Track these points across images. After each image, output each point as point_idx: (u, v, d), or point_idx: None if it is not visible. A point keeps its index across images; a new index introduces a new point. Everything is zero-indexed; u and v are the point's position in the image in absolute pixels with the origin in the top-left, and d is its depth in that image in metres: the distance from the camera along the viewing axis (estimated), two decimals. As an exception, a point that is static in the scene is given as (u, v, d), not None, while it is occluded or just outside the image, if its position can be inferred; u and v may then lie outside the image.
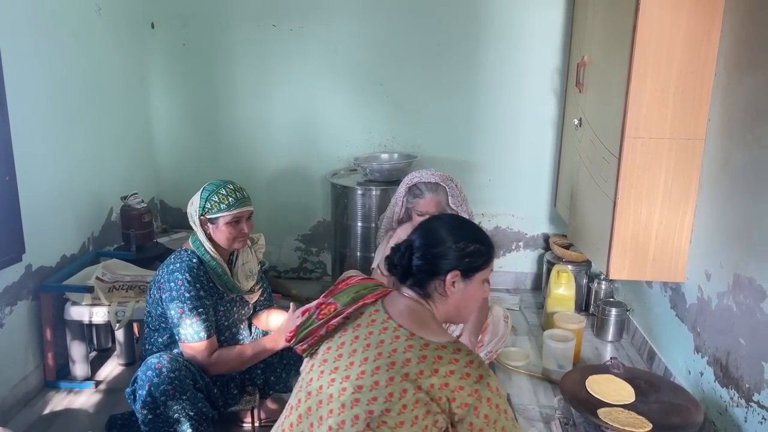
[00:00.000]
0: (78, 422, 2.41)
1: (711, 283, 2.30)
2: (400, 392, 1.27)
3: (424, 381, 1.27)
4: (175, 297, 2.07)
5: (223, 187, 2.16)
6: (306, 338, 1.45)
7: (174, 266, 2.12)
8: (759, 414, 1.96)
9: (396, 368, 1.29)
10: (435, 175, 2.55)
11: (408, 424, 1.25)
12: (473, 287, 1.46)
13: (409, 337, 1.34)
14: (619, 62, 2.41)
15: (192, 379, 2.04)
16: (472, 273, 1.45)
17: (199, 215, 2.14)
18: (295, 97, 3.68)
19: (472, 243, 1.45)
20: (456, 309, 1.47)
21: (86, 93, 2.98)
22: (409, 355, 1.31)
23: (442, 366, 1.28)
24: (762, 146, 1.98)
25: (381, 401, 1.27)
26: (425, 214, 2.52)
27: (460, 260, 1.43)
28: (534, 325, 3.34)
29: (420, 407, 1.26)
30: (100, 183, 3.12)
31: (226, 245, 2.19)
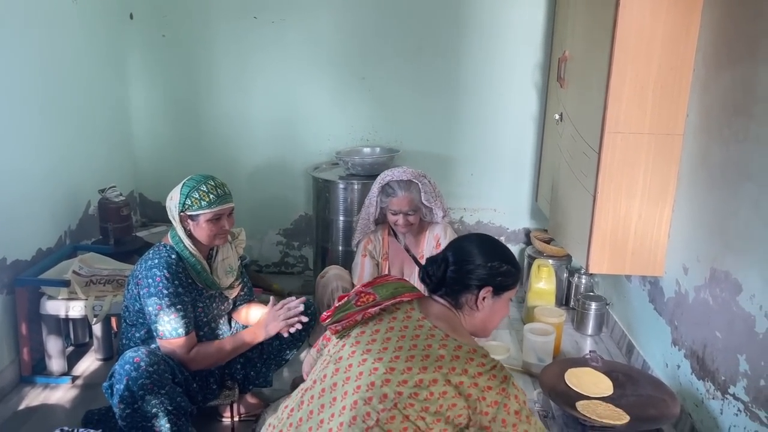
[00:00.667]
0: (54, 418, 2.38)
1: (688, 276, 2.33)
2: (429, 381, 1.35)
3: (454, 377, 1.35)
4: (153, 293, 2.05)
5: (204, 183, 2.13)
6: (342, 320, 1.52)
7: (152, 262, 2.09)
8: (734, 406, 1.99)
9: (429, 360, 1.38)
10: (407, 172, 2.56)
11: (432, 409, 1.33)
12: (500, 304, 1.58)
13: (444, 338, 1.44)
14: (600, 58, 2.42)
15: (170, 373, 2.02)
16: (502, 291, 1.57)
17: (179, 211, 2.11)
18: (277, 90, 3.66)
19: (506, 264, 1.56)
20: (482, 323, 1.58)
21: (62, 84, 2.93)
22: (443, 352, 1.40)
23: (472, 367, 1.37)
24: (739, 141, 2.00)
25: (411, 384, 1.35)
26: (399, 212, 2.53)
27: (493, 278, 1.54)
28: (515, 319, 3.36)
29: (447, 399, 1.34)
30: (77, 175, 3.07)
31: (206, 242, 2.16)
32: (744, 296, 1.95)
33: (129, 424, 1.99)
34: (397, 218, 2.55)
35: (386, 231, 2.72)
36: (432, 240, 2.65)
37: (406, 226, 2.56)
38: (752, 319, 1.89)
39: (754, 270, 1.90)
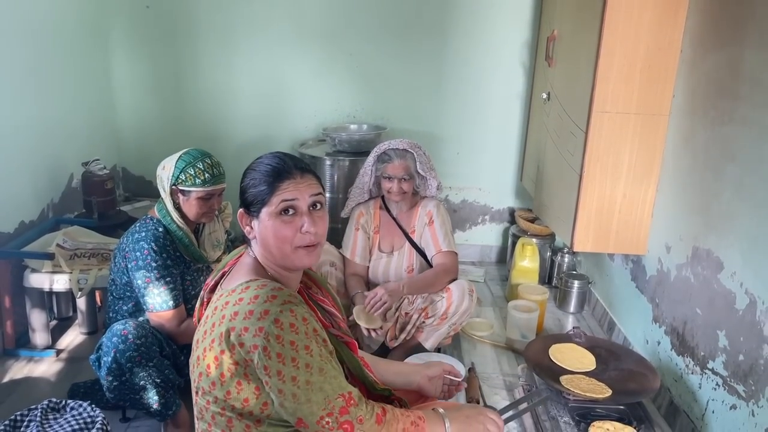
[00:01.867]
0: (39, 390, 2.37)
1: (671, 255, 2.38)
2: (201, 354, 1.27)
3: (216, 332, 1.23)
4: (142, 266, 2.04)
5: (201, 160, 2.11)
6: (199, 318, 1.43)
7: (139, 235, 2.08)
8: (713, 380, 2.05)
9: (199, 331, 1.32)
10: (403, 142, 2.59)
11: (218, 386, 1.24)
12: (266, 224, 1.31)
13: (210, 291, 1.39)
14: (589, 37, 2.44)
15: (158, 346, 2.02)
16: (253, 209, 1.33)
17: (170, 184, 2.09)
18: (262, 65, 3.62)
19: (245, 178, 1.36)
20: (265, 249, 1.34)
21: (42, 54, 2.87)
22: (206, 311, 1.34)
23: (228, 308, 1.24)
24: (724, 122, 2.04)
25: (195, 370, 1.30)
26: (394, 177, 2.54)
27: (241, 200, 1.36)
28: (498, 296, 3.40)
29: (223, 364, 1.23)
30: (60, 148, 3.02)
31: (193, 218, 2.16)
32: (725, 274, 1.99)
33: (117, 396, 1.99)
34: (391, 185, 2.56)
35: (378, 205, 2.73)
36: (424, 216, 2.66)
37: (400, 194, 2.57)
38: (732, 295, 1.94)
39: (735, 248, 1.94)
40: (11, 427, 1.73)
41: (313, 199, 1.34)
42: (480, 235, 3.89)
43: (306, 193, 1.32)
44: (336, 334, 1.42)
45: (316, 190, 1.35)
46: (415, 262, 2.67)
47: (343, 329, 1.46)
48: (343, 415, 1.22)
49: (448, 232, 2.65)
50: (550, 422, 2.05)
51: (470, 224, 3.87)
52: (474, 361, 2.64)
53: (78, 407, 1.82)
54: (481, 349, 2.81)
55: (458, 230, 3.87)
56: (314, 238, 1.32)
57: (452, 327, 2.55)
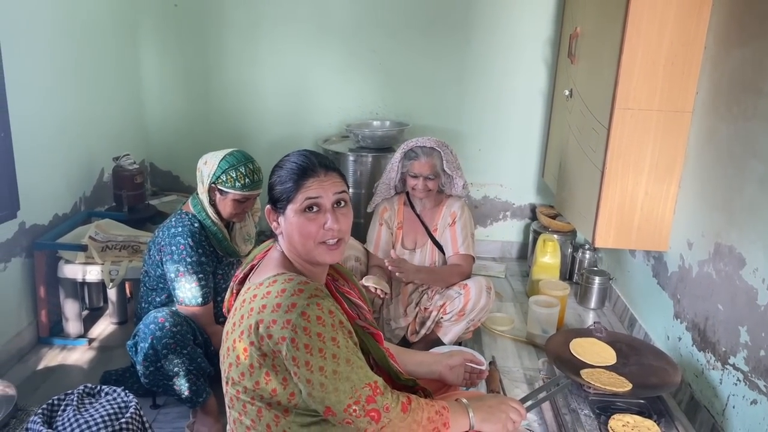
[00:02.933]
0: (72, 377, 2.45)
1: (693, 251, 2.38)
2: (231, 344, 1.32)
3: (245, 324, 1.27)
4: (177, 260, 2.10)
5: (244, 165, 2.16)
6: (228, 310, 1.49)
7: (176, 230, 2.14)
8: (734, 376, 2.06)
9: (229, 322, 1.36)
10: (431, 140, 2.62)
11: (247, 376, 1.29)
12: (292, 221, 1.36)
13: (239, 283, 1.43)
14: (612, 34, 2.45)
15: (192, 335, 2.09)
16: (280, 206, 1.38)
17: (210, 181, 2.15)
18: (287, 62, 3.67)
19: (272, 176, 1.40)
20: (290, 244, 1.38)
21: (78, 54, 2.95)
22: (235, 302, 1.38)
23: (257, 301, 1.28)
24: (747, 118, 2.04)
25: (226, 360, 1.34)
26: (419, 176, 2.57)
27: (269, 196, 1.41)
28: (519, 292, 3.42)
29: (252, 354, 1.27)
30: (92, 143, 3.11)
31: (226, 216, 2.22)
32: (747, 270, 2.00)
33: (151, 382, 2.07)
34: (416, 182, 2.59)
35: (402, 201, 2.76)
36: (448, 216, 2.69)
37: (425, 192, 2.60)
38: (754, 291, 1.95)
39: (757, 244, 1.95)
40: (49, 410, 1.80)
41: (337, 197, 1.37)
42: (501, 231, 3.91)
43: (330, 191, 1.36)
44: (362, 326, 1.46)
45: (340, 188, 1.38)
46: (438, 260, 2.71)
47: (369, 320, 1.50)
48: (370, 403, 1.26)
49: (469, 235, 2.67)
50: (570, 415, 2.07)
51: (491, 220, 3.89)
52: (495, 355, 2.67)
53: (112, 392, 1.88)
54: (502, 343, 2.84)
55: (479, 226, 3.90)
56: (337, 234, 1.36)
57: (470, 323, 2.58)
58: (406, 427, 1.30)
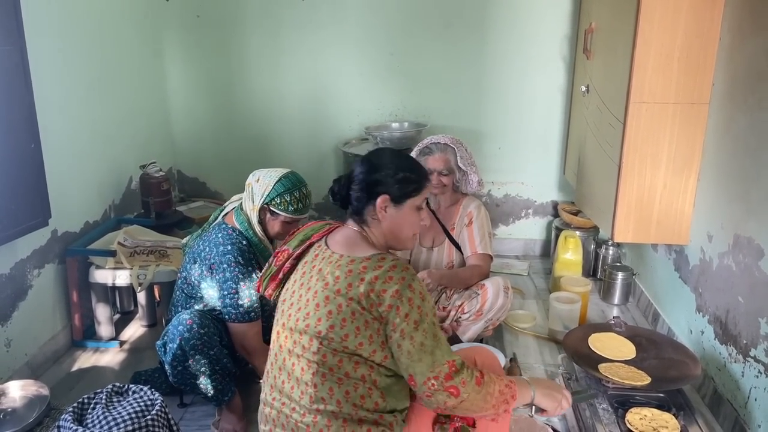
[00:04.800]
0: (104, 378, 2.54)
1: (713, 244, 2.36)
2: (336, 308, 1.44)
3: (354, 291, 1.42)
4: (229, 278, 2.14)
5: (298, 189, 2.21)
6: (269, 285, 1.65)
7: (225, 248, 2.16)
8: (755, 368, 2.03)
9: (329, 288, 1.46)
10: (445, 137, 2.67)
11: (352, 335, 1.43)
12: (405, 212, 1.58)
13: (339, 259, 1.51)
14: (625, 27, 2.45)
15: (219, 336, 2.15)
16: (402, 199, 1.57)
17: (263, 201, 2.19)
18: (308, 67, 3.74)
19: (403, 171, 1.57)
20: (391, 232, 1.58)
21: (104, 65, 3.06)
22: (338, 273, 1.47)
23: (368, 273, 1.43)
24: (762, 108, 2.02)
25: (324, 321, 1.45)
26: (433, 170, 2.61)
27: (390, 186, 1.55)
28: (542, 289, 3.42)
29: (357, 319, 1.42)
30: (120, 152, 3.22)
31: (272, 235, 2.27)
32: (766, 260, 1.98)
33: (179, 381, 2.14)
34: (431, 178, 2.63)
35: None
36: (465, 216, 2.72)
37: (440, 187, 2.64)
38: (773, 282, 1.93)
39: (775, 235, 1.93)
40: (79, 408, 1.87)
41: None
42: (523, 229, 3.91)
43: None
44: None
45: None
46: (455, 259, 2.73)
47: None
48: (448, 380, 1.41)
49: (486, 235, 2.69)
50: (589, 409, 2.07)
51: (513, 218, 3.90)
52: (516, 352, 2.68)
53: (139, 391, 1.95)
54: (524, 340, 2.85)
55: (501, 225, 3.91)
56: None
57: (489, 322, 2.60)
58: (481, 399, 1.44)
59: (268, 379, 1.64)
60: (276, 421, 1.56)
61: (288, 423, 1.52)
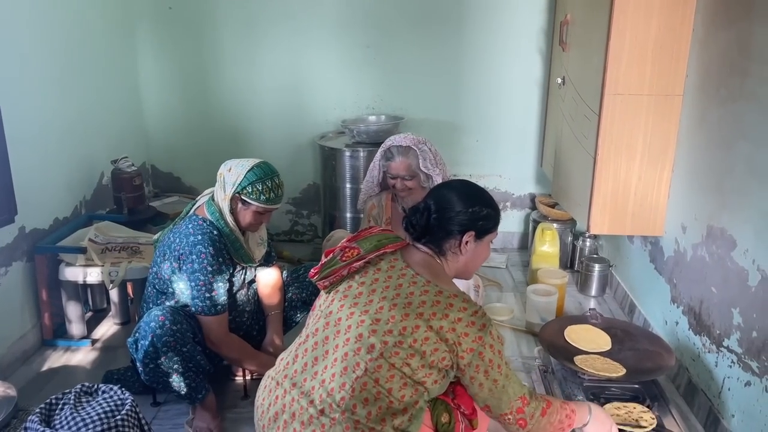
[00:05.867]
0: (75, 378, 2.49)
1: (687, 235, 2.37)
2: (413, 328, 1.45)
3: (435, 322, 1.45)
4: (197, 269, 2.10)
5: (271, 179, 2.17)
6: (328, 276, 1.60)
7: (195, 238, 2.12)
8: (729, 358, 2.05)
9: (412, 307, 1.47)
10: (407, 138, 2.63)
11: (418, 356, 1.44)
12: (482, 247, 1.66)
13: (426, 284, 1.52)
14: (600, 20, 2.44)
15: (192, 333, 2.11)
16: (483, 234, 1.64)
17: (234, 191, 2.15)
18: (283, 60, 3.69)
19: (486, 208, 1.63)
20: (465, 266, 1.65)
21: (74, 56, 2.99)
22: (425, 298, 1.49)
23: (452, 312, 1.47)
24: (734, 99, 2.03)
25: (395, 334, 1.44)
26: (397, 176, 2.59)
27: (474, 222, 1.60)
28: (519, 281, 3.43)
29: (429, 344, 1.44)
30: (90, 147, 3.15)
31: (243, 226, 2.23)
32: (738, 251, 1.99)
33: (151, 379, 2.10)
34: (395, 182, 2.61)
35: (389, 197, 2.78)
36: None
37: (404, 191, 2.62)
38: (745, 273, 1.95)
39: (747, 225, 1.94)
40: (47, 409, 1.83)
41: None
42: (502, 222, 3.81)
43: None
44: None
45: None
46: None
47: None
48: (520, 414, 1.53)
49: None
50: (564, 401, 2.08)
51: (492, 211, 3.89)
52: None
53: (109, 390, 1.91)
54: (501, 333, 2.83)
55: (480, 218, 3.89)
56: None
57: None
58: (542, 428, 1.56)
59: (286, 367, 1.59)
60: (286, 407, 1.51)
61: (300, 413, 1.47)
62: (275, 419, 1.51)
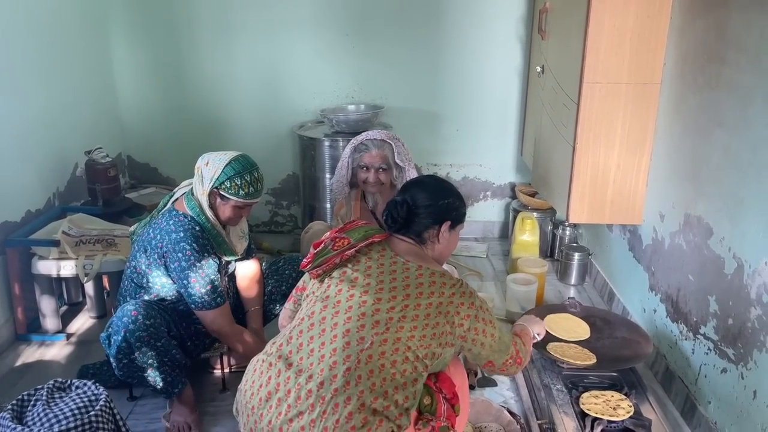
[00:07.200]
0: (50, 373, 2.45)
1: (664, 223, 2.38)
2: (414, 305, 1.53)
3: (435, 299, 1.55)
4: (186, 267, 2.08)
5: (249, 172, 2.14)
6: (321, 265, 1.65)
7: (178, 235, 2.09)
8: (705, 345, 2.07)
9: (411, 288, 1.56)
10: (381, 133, 2.62)
11: (420, 328, 1.51)
12: (454, 237, 1.78)
13: (418, 268, 1.62)
14: (578, 8, 2.43)
15: (166, 327, 2.08)
16: (456, 224, 1.76)
17: (212, 186, 2.12)
18: (261, 48, 3.64)
19: (457, 200, 1.77)
20: (440, 253, 1.76)
21: (44, 45, 2.92)
22: (421, 280, 1.58)
23: (446, 289, 1.58)
24: (711, 87, 2.03)
25: (398, 310, 1.52)
26: (371, 167, 2.56)
27: (449, 213, 1.73)
28: (500, 270, 3.43)
29: (431, 318, 1.53)
30: (64, 138, 3.09)
31: (223, 220, 2.20)
32: (714, 239, 2.00)
33: (125, 374, 2.07)
34: (367, 175, 2.58)
35: (358, 197, 2.75)
36: None
37: (377, 186, 2.59)
38: (722, 261, 1.96)
39: (723, 213, 1.95)
40: (19, 406, 1.80)
41: None
42: (482, 211, 3.91)
43: None
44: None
45: None
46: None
47: None
48: (518, 354, 1.73)
49: None
50: (543, 390, 2.08)
51: (472, 201, 3.88)
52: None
53: (83, 386, 1.88)
54: (482, 322, 2.85)
55: (461, 207, 3.89)
56: None
57: None
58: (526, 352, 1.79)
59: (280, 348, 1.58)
60: (281, 386, 1.49)
61: (297, 389, 1.46)
62: (267, 399, 1.50)
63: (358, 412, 1.40)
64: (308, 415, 1.42)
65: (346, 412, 1.40)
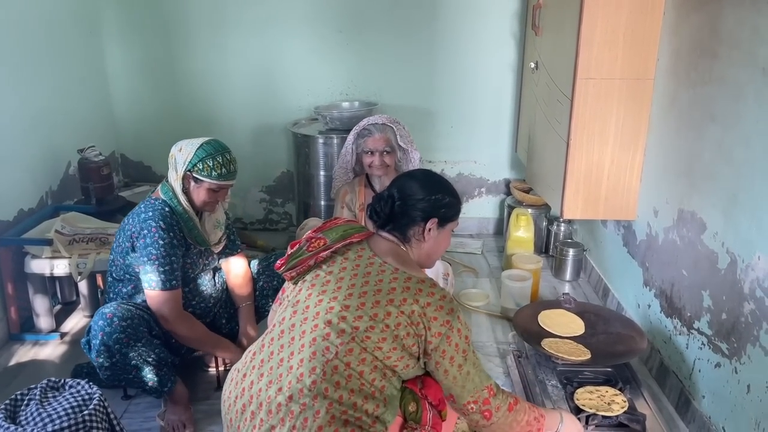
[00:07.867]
0: (44, 372, 2.44)
1: (658, 219, 2.39)
2: (384, 314, 1.45)
3: (407, 307, 1.45)
4: (149, 244, 2.06)
5: (221, 154, 2.13)
6: (295, 267, 1.59)
7: (146, 215, 2.09)
8: (699, 340, 2.07)
9: (382, 294, 1.47)
10: (382, 117, 2.66)
11: (390, 339, 1.43)
12: (443, 235, 1.68)
13: (394, 272, 1.53)
14: (571, 4, 2.43)
15: (146, 327, 2.06)
16: (445, 222, 1.66)
17: (185, 169, 2.11)
18: (254, 45, 3.63)
19: (448, 196, 1.66)
20: (427, 254, 1.66)
21: (37, 43, 2.90)
22: (395, 285, 1.49)
23: (422, 297, 1.47)
24: (704, 83, 2.03)
25: (366, 319, 1.44)
26: (375, 151, 2.57)
27: (437, 210, 1.63)
28: (495, 267, 3.43)
29: (401, 329, 1.44)
30: (56, 136, 3.07)
31: (198, 205, 2.19)
32: (708, 234, 2.01)
33: (111, 377, 2.04)
34: (373, 159, 2.60)
35: (363, 183, 2.76)
36: None
37: (382, 168, 2.61)
38: (715, 255, 1.96)
39: (716, 208, 1.95)
40: (12, 405, 1.78)
41: None
42: (477, 207, 3.91)
43: None
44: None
45: None
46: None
47: None
48: (486, 404, 1.52)
49: None
50: (538, 386, 2.08)
51: (467, 197, 3.89)
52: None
53: (76, 385, 1.87)
54: (477, 318, 2.85)
55: (455, 204, 3.89)
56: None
57: None
58: (507, 424, 1.56)
59: (253, 358, 1.56)
60: (254, 398, 1.48)
61: (268, 402, 1.44)
62: (242, 411, 1.48)
63: (328, 426, 1.36)
64: (279, 429, 1.39)
65: (316, 426, 1.36)
